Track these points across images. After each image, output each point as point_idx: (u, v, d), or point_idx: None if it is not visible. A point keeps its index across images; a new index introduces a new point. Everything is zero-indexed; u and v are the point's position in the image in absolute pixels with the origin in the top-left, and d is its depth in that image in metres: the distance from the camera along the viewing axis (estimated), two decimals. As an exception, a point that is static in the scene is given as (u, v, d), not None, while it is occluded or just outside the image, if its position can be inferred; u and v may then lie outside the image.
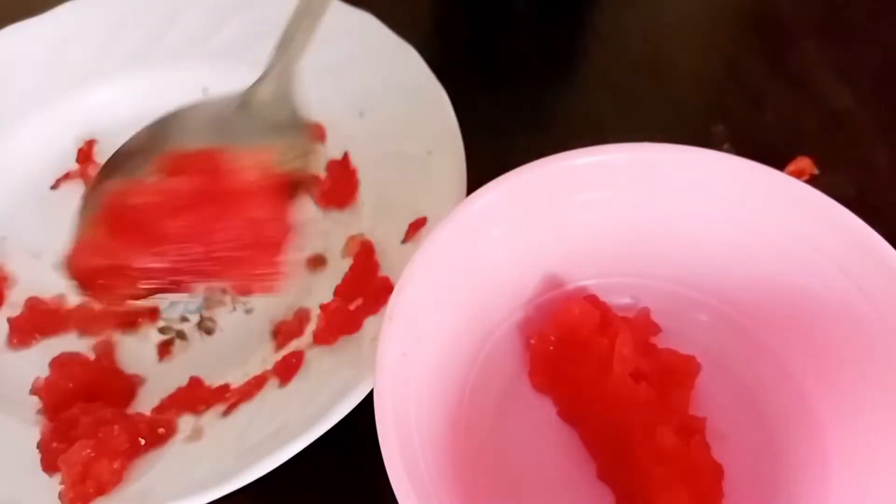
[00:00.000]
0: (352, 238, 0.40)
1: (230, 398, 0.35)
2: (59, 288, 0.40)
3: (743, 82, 0.49)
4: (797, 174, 0.42)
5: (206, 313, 0.40)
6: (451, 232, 0.31)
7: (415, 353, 0.29)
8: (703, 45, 0.52)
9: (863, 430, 0.29)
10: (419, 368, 0.29)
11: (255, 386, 0.35)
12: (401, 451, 0.26)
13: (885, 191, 0.43)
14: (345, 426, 0.32)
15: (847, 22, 0.52)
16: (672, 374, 0.33)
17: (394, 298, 0.29)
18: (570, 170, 0.32)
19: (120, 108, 0.47)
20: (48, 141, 0.46)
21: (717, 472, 0.31)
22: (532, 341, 0.34)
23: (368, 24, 0.46)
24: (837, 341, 0.31)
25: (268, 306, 0.40)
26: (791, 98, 0.48)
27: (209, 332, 0.39)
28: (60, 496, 0.31)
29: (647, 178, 0.33)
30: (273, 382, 0.35)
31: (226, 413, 0.34)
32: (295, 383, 0.34)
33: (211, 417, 0.34)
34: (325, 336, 0.35)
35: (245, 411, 0.34)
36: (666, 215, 0.34)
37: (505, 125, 0.45)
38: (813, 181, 0.40)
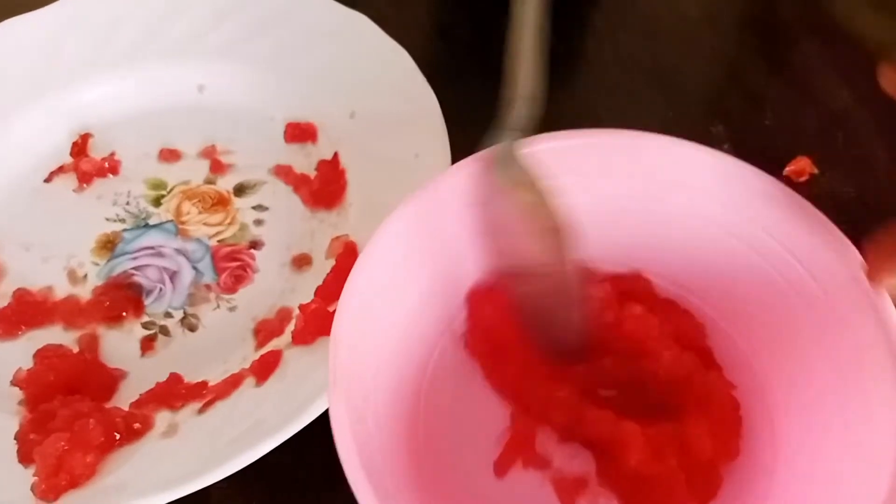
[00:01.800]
0: (336, 238, 0.40)
1: (207, 395, 0.35)
2: (47, 280, 0.41)
3: (743, 82, 0.49)
4: (797, 174, 0.42)
5: (189, 309, 0.40)
6: (417, 207, 0.32)
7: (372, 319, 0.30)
8: (703, 45, 0.52)
9: (808, 396, 0.31)
10: (378, 330, 0.31)
11: (231, 384, 0.35)
12: (347, 401, 0.27)
13: (883, 190, 0.43)
14: (320, 426, 0.32)
15: None
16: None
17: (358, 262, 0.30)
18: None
19: (115, 103, 0.47)
20: (42, 134, 0.46)
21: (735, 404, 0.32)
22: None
23: (361, 25, 0.46)
24: (786, 318, 0.31)
25: (251, 304, 0.40)
26: (791, 98, 0.48)
27: (192, 328, 0.39)
28: (33, 488, 0.31)
29: (601, 163, 0.33)
30: (250, 381, 0.35)
31: (202, 410, 0.34)
32: (271, 382, 0.35)
33: (187, 414, 0.35)
34: (304, 336, 0.35)
35: (221, 409, 0.34)
36: (619, 198, 0.34)
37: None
38: (812, 181, 0.40)
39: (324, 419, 0.31)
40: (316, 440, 0.33)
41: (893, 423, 0.27)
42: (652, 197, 0.34)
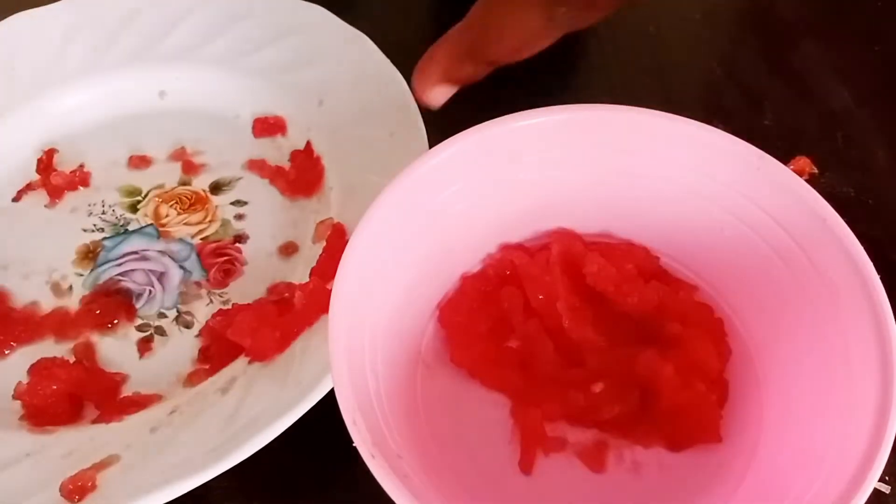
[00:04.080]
0: (321, 223, 0.41)
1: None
2: (30, 296, 0.41)
3: (743, 82, 0.49)
4: (796, 174, 0.43)
5: (183, 308, 0.40)
6: (407, 185, 0.31)
7: (369, 301, 0.30)
8: (703, 45, 0.52)
9: (790, 356, 0.31)
10: (375, 311, 0.31)
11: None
12: (350, 377, 0.27)
13: (883, 190, 0.43)
14: (321, 424, 0.32)
15: (846, 22, 0.52)
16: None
17: (351, 241, 0.30)
18: (515, 131, 0.33)
19: (77, 115, 0.47)
20: (7, 153, 0.46)
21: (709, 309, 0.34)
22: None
23: (319, 16, 0.46)
24: (780, 293, 0.32)
25: (244, 296, 0.40)
26: (791, 98, 0.48)
27: (188, 325, 0.39)
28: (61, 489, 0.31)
29: (586, 137, 0.34)
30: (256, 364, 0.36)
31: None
32: (279, 362, 0.35)
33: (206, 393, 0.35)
34: (307, 316, 0.36)
35: (235, 394, 0.35)
36: (613, 173, 0.34)
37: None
38: (812, 181, 0.40)
39: (324, 421, 0.31)
40: (316, 438, 0.34)
41: (871, 386, 0.27)
42: (639, 170, 0.34)
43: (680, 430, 0.32)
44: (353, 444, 0.26)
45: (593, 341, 0.34)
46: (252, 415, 0.33)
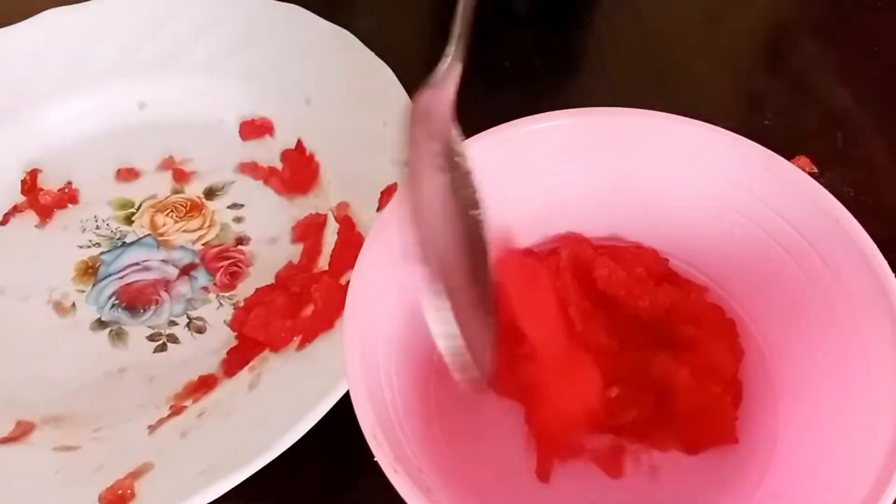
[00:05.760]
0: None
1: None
2: (33, 316, 0.40)
3: (743, 82, 0.50)
4: None
5: (193, 314, 0.40)
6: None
7: (381, 306, 0.30)
8: (703, 45, 0.52)
9: (807, 356, 0.31)
10: (388, 322, 0.30)
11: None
12: (366, 379, 0.27)
13: (883, 190, 0.43)
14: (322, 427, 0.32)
15: (846, 22, 0.53)
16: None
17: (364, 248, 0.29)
18: (523, 136, 0.33)
19: (59, 133, 0.46)
20: (-10, 176, 0.45)
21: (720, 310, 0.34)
22: None
23: (298, 16, 0.47)
24: (793, 294, 0.32)
25: (255, 296, 0.40)
26: (791, 98, 0.48)
27: (200, 330, 0.39)
28: (100, 500, 0.31)
29: (593, 140, 0.33)
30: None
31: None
32: (304, 355, 0.35)
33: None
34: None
35: (260, 393, 0.35)
36: (622, 177, 0.34)
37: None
38: None
39: (329, 418, 0.32)
40: (322, 437, 0.33)
41: (892, 385, 0.27)
42: (647, 172, 0.34)
43: (696, 432, 0.32)
44: (363, 455, 0.25)
45: (606, 346, 0.33)
46: (279, 411, 0.33)
